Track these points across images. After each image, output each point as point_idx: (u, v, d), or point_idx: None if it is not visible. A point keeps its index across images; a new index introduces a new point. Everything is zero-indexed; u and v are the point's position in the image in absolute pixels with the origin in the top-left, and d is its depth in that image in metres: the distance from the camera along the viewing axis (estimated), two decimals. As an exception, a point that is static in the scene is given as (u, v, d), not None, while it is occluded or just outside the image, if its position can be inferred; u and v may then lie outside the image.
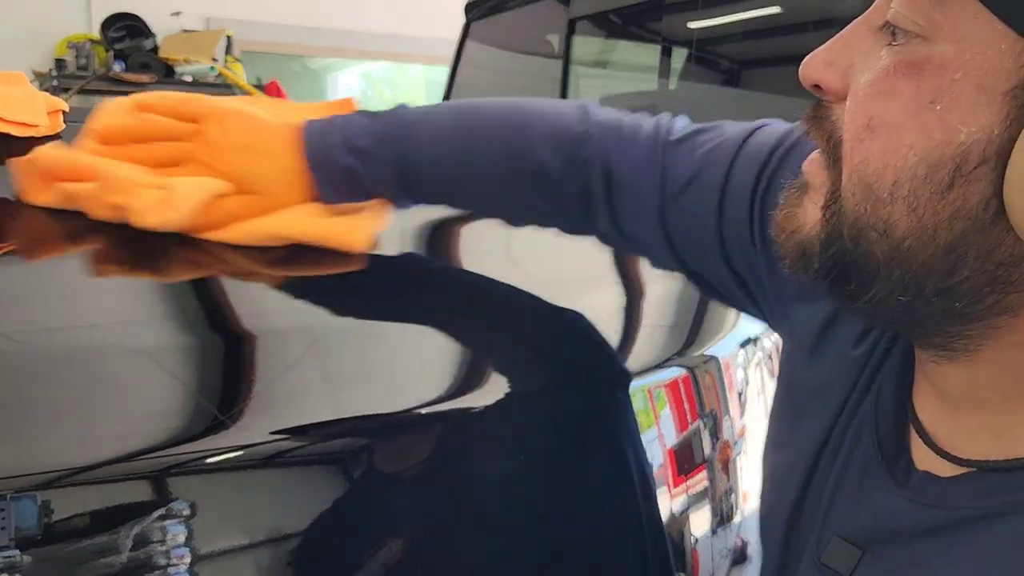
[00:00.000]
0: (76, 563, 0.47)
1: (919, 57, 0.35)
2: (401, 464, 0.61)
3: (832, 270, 0.39)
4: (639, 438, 0.72)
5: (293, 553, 0.55)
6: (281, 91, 4.38)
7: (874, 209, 0.36)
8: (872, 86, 0.36)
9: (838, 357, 0.50)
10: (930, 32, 0.34)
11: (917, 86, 0.34)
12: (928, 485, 0.41)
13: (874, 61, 0.37)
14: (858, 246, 0.37)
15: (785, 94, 1.59)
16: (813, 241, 0.39)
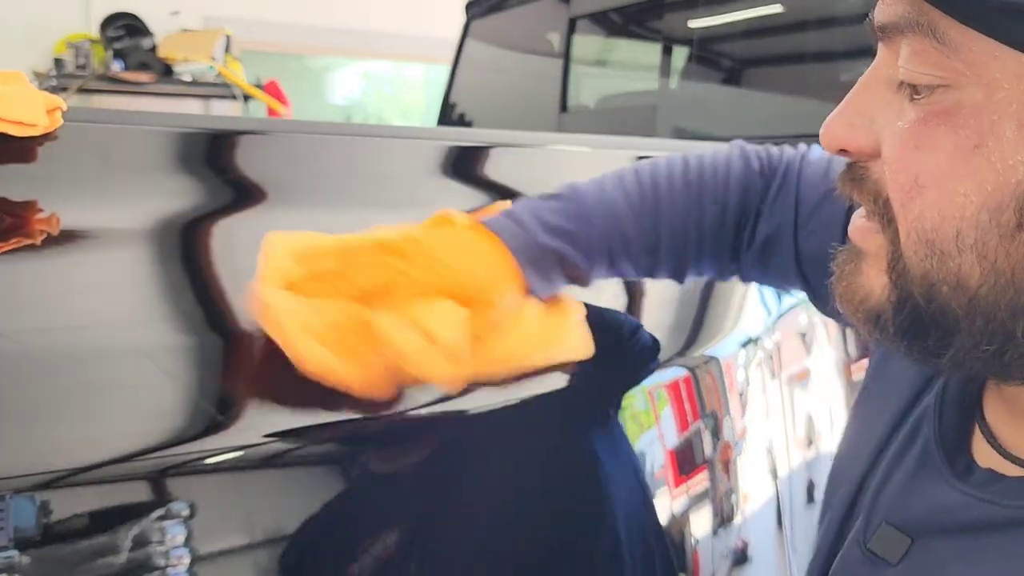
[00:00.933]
0: (75, 564, 0.47)
1: (949, 105, 0.34)
2: (399, 465, 0.61)
3: (909, 330, 0.38)
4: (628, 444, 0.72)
5: (291, 553, 0.55)
6: (280, 90, 4.38)
7: (941, 263, 0.35)
8: (908, 141, 0.36)
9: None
10: (953, 80, 0.34)
11: (956, 134, 0.34)
12: (991, 483, 0.41)
13: (898, 114, 0.37)
14: (931, 303, 0.36)
15: (786, 93, 1.59)
16: (885, 306, 0.39)
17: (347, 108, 6.07)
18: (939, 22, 0.34)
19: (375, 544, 0.59)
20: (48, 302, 0.54)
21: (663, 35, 1.80)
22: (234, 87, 4.10)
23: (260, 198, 0.66)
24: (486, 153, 0.81)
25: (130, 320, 0.55)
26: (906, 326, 0.38)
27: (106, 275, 0.57)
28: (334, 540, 0.57)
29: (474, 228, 0.59)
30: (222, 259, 0.61)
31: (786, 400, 0.88)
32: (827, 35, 1.53)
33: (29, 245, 0.55)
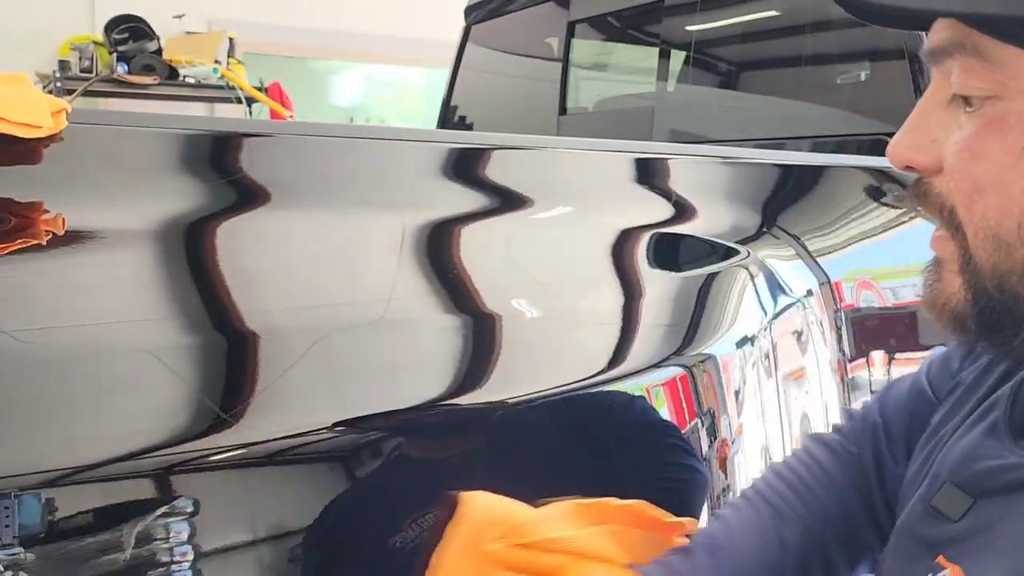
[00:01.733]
0: (79, 560, 0.48)
1: (998, 115, 0.39)
2: (400, 463, 0.62)
3: (986, 324, 0.42)
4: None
5: (295, 550, 0.55)
6: (283, 93, 4.39)
7: (1008, 255, 0.40)
8: (965, 152, 0.41)
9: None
10: (999, 91, 0.38)
11: (1005, 140, 0.39)
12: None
13: (956, 131, 0.42)
14: (1003, 292, 0.41)
15: (783, 96, 1.60)
16: (963, 304, 0.43)
17: (349, 110, 6.08)
18: (982, 42, 0.38)
19: (377, 541, 0.60)
20: (53, 302, 0.54)
21: (661, 39, 1.81)
22: (237, 89, 4.10)
23: (263, 199, 0.67)
24: (486, 155, 0.81)
25: (134, 320, 0.56)
26: (983, 320, 0.42)
27: (111, 275, 0.58)
28: (336, 537, 0.57)
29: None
30: (226, 260, 0.62)
31: (782, 398, 0.88)
32: (823, 39, 1.53)
33: (35, 245, 0.55)
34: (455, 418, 0.64)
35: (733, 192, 0.96)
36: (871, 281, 1.03)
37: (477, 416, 0.65)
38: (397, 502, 0.61)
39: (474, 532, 0.53)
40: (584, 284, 0.78)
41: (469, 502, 0.54)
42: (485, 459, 0.67)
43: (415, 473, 0.63)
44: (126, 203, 0.61)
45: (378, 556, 0.61)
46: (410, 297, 0.67)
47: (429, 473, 0.64)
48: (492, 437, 0.67)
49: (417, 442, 0.63)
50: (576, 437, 0.72)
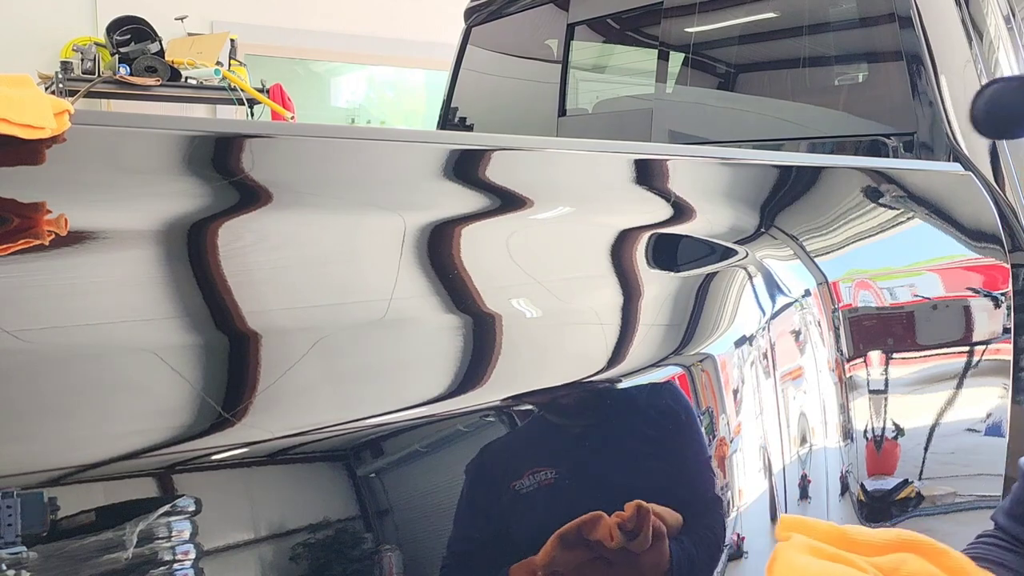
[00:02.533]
0: (82, 559, 0.48)
1: None
2: (402, 463, 0.62)
3: None
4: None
5: (297, 549, 0.56)
6: (285, 94, 4.39)
7: None
8: None
9: None
10: None
11: None
12: None
13: None
14: None
15: (781, 98, 1.60)
16: None
17: (350, 112, 6.08)
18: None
19: (379, 541, 0.60)
20: (54, 302, 0.54)
21: (659, 41, 1.81)
22: (239, 91, 4.11)
23: (265, 200, 0.67)
24: (486, 156, 0.82)
25: (136, 320, 0.56)
26: None
27: (112, 276, 0.58)
28: (338, 536, 0.58)
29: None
30: (228, 260, 0.62)
31: (780, 398, 0.88)
32: (821, 40, 1.53)
33: (37, 246, 0.55)
34: (455, 418, 0.64)
35: (731, 193, 0.96)
36: (869, 281, 1.04)
37: (477, 416, 0.65)
38: (395, 503, 0.62)
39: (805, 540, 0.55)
40: (583, 284, 0.79)
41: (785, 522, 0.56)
42: (484, 460, 0.67)
43: (413, 473, 0.63)
44: (128, 204, 0.62)
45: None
46: (411, 297, 0.68)
47: (427, 474, 0.64)
48: (491, 438, 0.67)
49: (416, 442, 0.63)
50: (575, 438, 0.72)
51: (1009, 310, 1.14)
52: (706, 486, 0.79)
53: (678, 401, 0.78)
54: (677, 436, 0.79)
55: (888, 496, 1.04)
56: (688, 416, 0.79)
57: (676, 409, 0.78)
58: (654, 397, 0.77)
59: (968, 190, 1.18)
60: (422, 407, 0.62)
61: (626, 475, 0.75)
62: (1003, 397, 1.14)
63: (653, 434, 0.77)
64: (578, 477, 0.72)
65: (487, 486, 0.67)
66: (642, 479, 0.76)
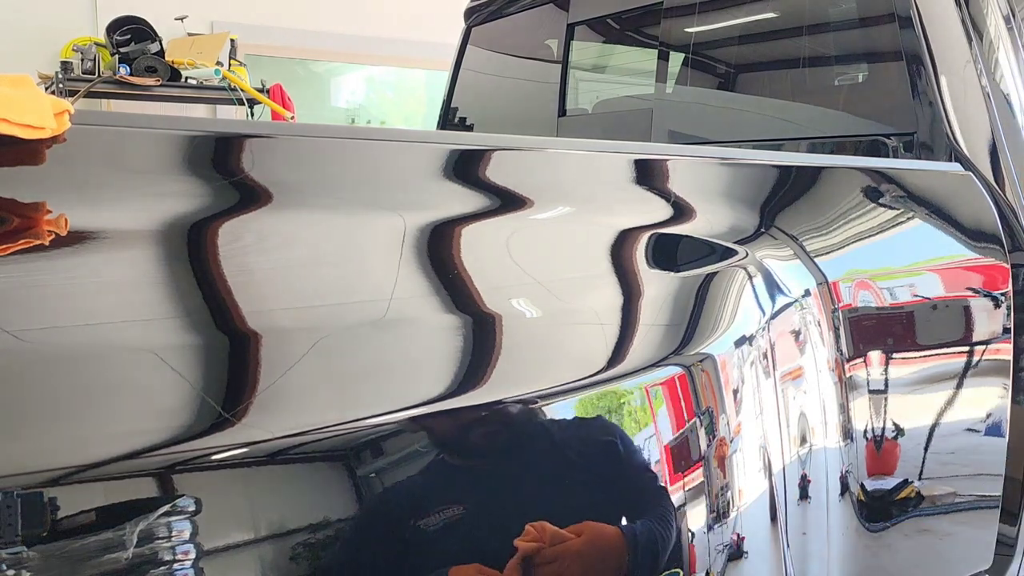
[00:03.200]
0: (82, 559, 0.48)
1: None
2: (402, 463, 0.62)
3: None
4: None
5: (296, 549, 0.56)
6: (285, 94, 4.39)
7: None
8: None
9: None
10: None
11: None
12: None
13: None
14: None
15: (781, 98, 1.60)
16: None
17: (350, 112, 6.09)
18: None
19: (379, 541, 0.60)
20: (55, 301, 0.55)
21: (659, 41, 1.81)
22: (239, 91, 4.11)
23: (265, 200, 0.67)
24: (486, 156, 0.82)
25: (136, 320, 0.56)
26: None
27: (113, 275, 0.58)
28: (339, 536, 0.58)
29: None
30: (228, 260, 0.62)
31: (780, 398, 0.88)
32: (821, 41, 1.53)
33: (37, 246, 0.55)
34: (455, 418, 0.64)
35: (731, 193, 0.96)
36: (869, 281, 1.04)
37: (476, 416, 0.65)
38: (396, 503, 0.62)
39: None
40: (584, 284, 0.79)
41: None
42: (484, 459, 0.67)
43: (414, 472, 0.63)
44: (128, 204, 0.62)
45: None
46: (411, 297, 0.68)
47: (428, 472, 0.64)
48: (491, 437, 0.67)
49: (417, 441, 0.63)
50: (575, 438, 0.72)
51: (1009, 310, 1.15)
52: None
53: (673, 402, 0.78)
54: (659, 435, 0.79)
55: (888, 496, 1.04)
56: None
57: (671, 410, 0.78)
58: (654, 398, 0.77)
59: (968, 190, 1.18)
60: (422, 407, 0.62)
61: (627, 472, 0.75)
62: (1003, 397, 1.14)
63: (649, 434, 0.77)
64: (579, 476, 0.72)
65: (487, 485, 0.67)
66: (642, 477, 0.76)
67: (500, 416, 0.67)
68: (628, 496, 0.75)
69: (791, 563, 0.88)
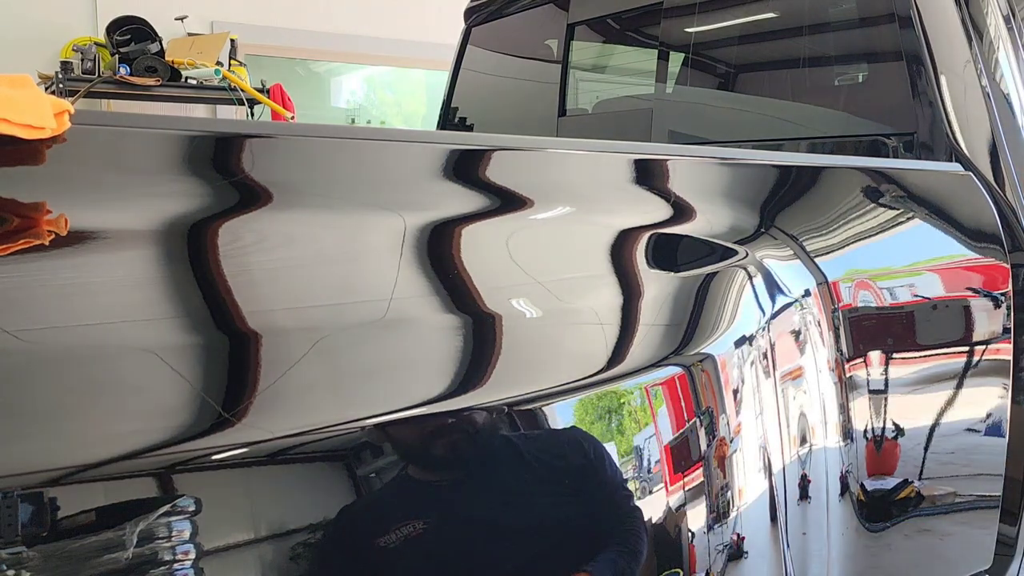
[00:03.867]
0: (82, 559, 0.48)
1: None
2: (402, 463, 0.62)
3: None
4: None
5: (296, 549, 0.56)
6: (285, 94, 4.40)
7: None
8: None
9: None
10: None
11: None
12: None
13: None
14: None
15: (781, 98, 1.60)
16: None
17: (350, 112, 6.09)
18: None
19: (379, 540, 0.60)
20: (55, 301, 0.55)
21: (659, 41, 1.81)
22: (239, 91, 4.11)
23: (265, 200, 0.67)
24: (486, 156, 0.82)
25: (136, 320, 0.56)
26: None
27: (113, 275, 0.58)
28: (338, 536, 0.58)
29: None
30: (228, 260, 0.62)
31: (780, 397, 0.88)
32: (821, 41, 1.53)
33: (37, 245, 0.55)
34: (455, 418, 0.64)
35: (731, 193, 0.96)
36: (869, 281, 1.04)
37: (476, 416, 0.65)
38: (398, 501, 0.62)
39: None
40: (584, 284, 0.79)
41: None
42: (483, 459, 0.67)
43: (415, 472, 0.63)
44: (128, 204, 0.62)
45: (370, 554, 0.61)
46: (411, 297, 0.68)
47: (429, 472, 0.64)
48: (491, 437, 0.67)
49: (418, 441, 0.63)
50: (575, 437, 0.72)
51: (1009, 310, 1.15)
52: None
53: (672, 403, 0.78)
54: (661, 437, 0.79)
55: (888, 496, 1.04)
56: None
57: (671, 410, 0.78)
58: (654, 398, 0.77)
59: (968, 190, 1.19)
60: (422, 407, 0.63)
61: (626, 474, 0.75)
62: (1003, 397, 1.14)
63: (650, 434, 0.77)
64: (579, 476, 0.72)
65: (487, 485, 0.67)
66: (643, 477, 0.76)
67: (500, 416, 0.67)
68: (628, 495, 0.75)
69: (791, 563, 0.89)
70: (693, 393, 0.80)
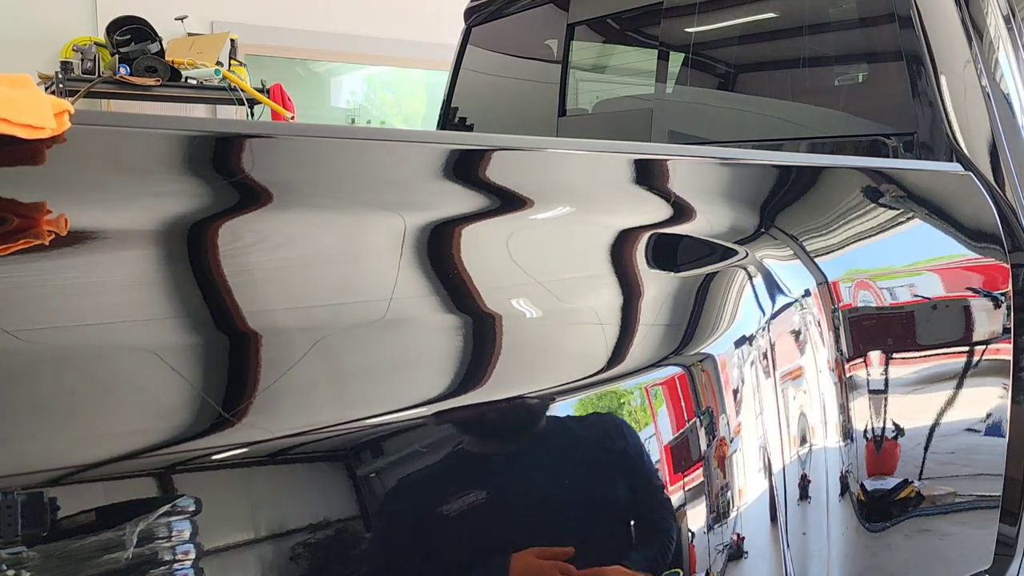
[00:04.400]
0: (82, 559, 0.48)
1: None
2: (402, 463, 0.62)
3: None
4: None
5: (296, 549, 0.56)
6: (285, 94, 4.40)
7: None
8: None
9: None
10: None
11: None
12: None
13: None
14: None
15: (781, 98, 1.60)
16: None
17: (350, 112, 6.09)
18: None
19: (380, 541, 0.60)
20: (55, 301, 0.55)
21: (659, 41, 1.81)
22: (239, 91, 4.11)
23: (265, 200, 0.67)
24: (486, 156, 0.82)
25: (136, 320, 0.56)
26: None
27: (113, 275, 0.58)
28: (338, 536, 0.58)
29: None
30: (228, 260, 0.62)
31: (780, 398, 0.88)
32: (821, 41, 1.54)
33: (37, 246, 0.55)
34: (454, 418, 0.64)
35: (731, 193, 0.96)
36: (869, 281, 1.04)
37: (476, 416, 0.65)
38: (396, 504, 0.62)
39: None
40: (584, 284, 0.79)
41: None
42: (483, 459, 0.67)
43: (413, 472, 0.63)
44: (128, 204, 0.62)
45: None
46: (411, 297, 0.68)
47: (427, 472, 0.64)
48: (491, 437, 0.67)
49: (417, 441, 0.63)
50: (575, 437, 0.72)
51: (1009, 310, 1.15)
52: None
53: (678, 401, 0.79)
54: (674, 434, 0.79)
55: (888, 496, 1.04)
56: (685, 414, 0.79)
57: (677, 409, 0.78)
58: (654, 398, 0.77)
59: (968, 190, 1.19)
60: (422, 407, 0.63)
61: (627, 472, 0.75)
62: (1003, 397, 1.14)
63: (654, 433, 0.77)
64: (579, 476, 0.72)
65: (487, 485, 0.67)
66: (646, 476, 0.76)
67: (499, 416, 0.67)
68: (628, 496, 0.75)
69: (791, 563, 0.89)
70: (693, 393, 0.80)
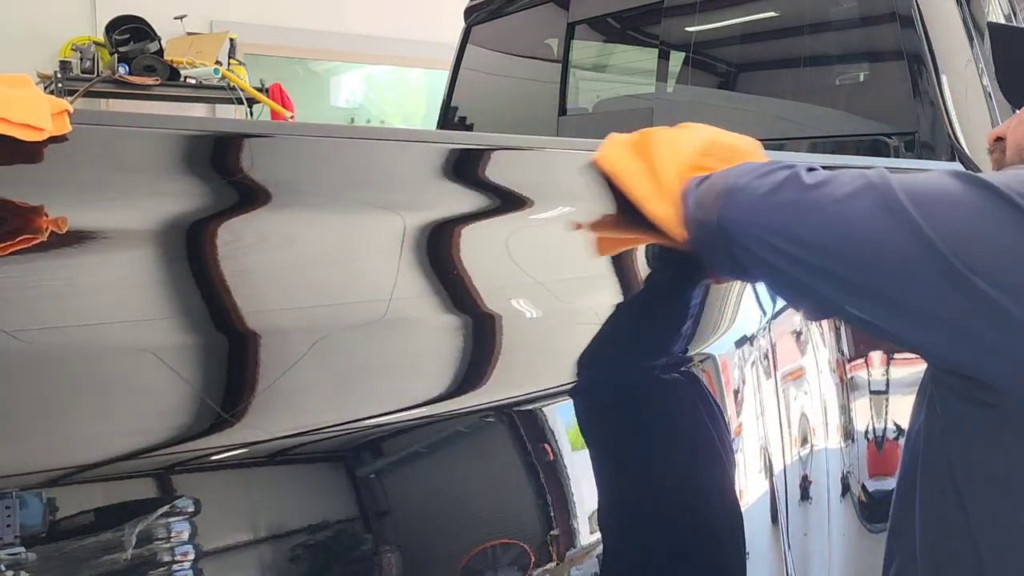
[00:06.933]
0: (81, 560, 0.48)
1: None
2: (402, 463, 0.62)
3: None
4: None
5: (295, 550, 0.56)
6: (284, 94, 4.39)
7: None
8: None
9: None
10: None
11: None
12: None
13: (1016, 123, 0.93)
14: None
15: (782, 97, 1.60)
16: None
17: (349, 111, 6.09)
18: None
19: (379, 542, 0.60)
20: (55, 301, 0.54)
21: (660, 40, 1.81)
22: (239, 90, 4.11)
23: (265, 200, 0.67)
24: (486, 155, 0.82)
25: (135, 320, 0.56)
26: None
27: (112, 276, 0.58)
28: (337, 537, 0.58)
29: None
30: (228, 260, 0.62)
31: (781, 397, 0.88)
32: (822, 40, 1.53)
33: (36, 245, 0.55)
34: (454, 418, 0.64)
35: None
36: (870, 281, 1.03)
37: (475, 416, 0.65)
38: (395, 503, 0.62)
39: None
40: (584, 284, 0.79)
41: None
42: (483, 459, 0.67)
43: (413, 473, 0.63)
44: (127, 204, 0.62)
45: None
46: (411, 297, 0.68)
47: (427, 472, 0.64)
48: (490, 437, 0.67)
49: (416, 441, 0.63)
50: (575, 438, 0.72)
51: (1010, 310, 1.14)
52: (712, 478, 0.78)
53: (688, 396, 0.78)
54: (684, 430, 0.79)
55: (889, 497, 1.04)
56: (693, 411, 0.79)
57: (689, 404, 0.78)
58: (656, 394, 0.77)
59: (969, 190, 1.18)
60: (422, 407, 0.62)
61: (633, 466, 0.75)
62: (1004, 397, 1.13)
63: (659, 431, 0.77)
64: (578, 476, 0.72)
65: (486, 485, 0.67)
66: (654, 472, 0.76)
67: (499, 416, 0.67)
68: (628, 496, 0.75)
69: (792, 563, 0.88)
70: (693, 393, 0.79)
